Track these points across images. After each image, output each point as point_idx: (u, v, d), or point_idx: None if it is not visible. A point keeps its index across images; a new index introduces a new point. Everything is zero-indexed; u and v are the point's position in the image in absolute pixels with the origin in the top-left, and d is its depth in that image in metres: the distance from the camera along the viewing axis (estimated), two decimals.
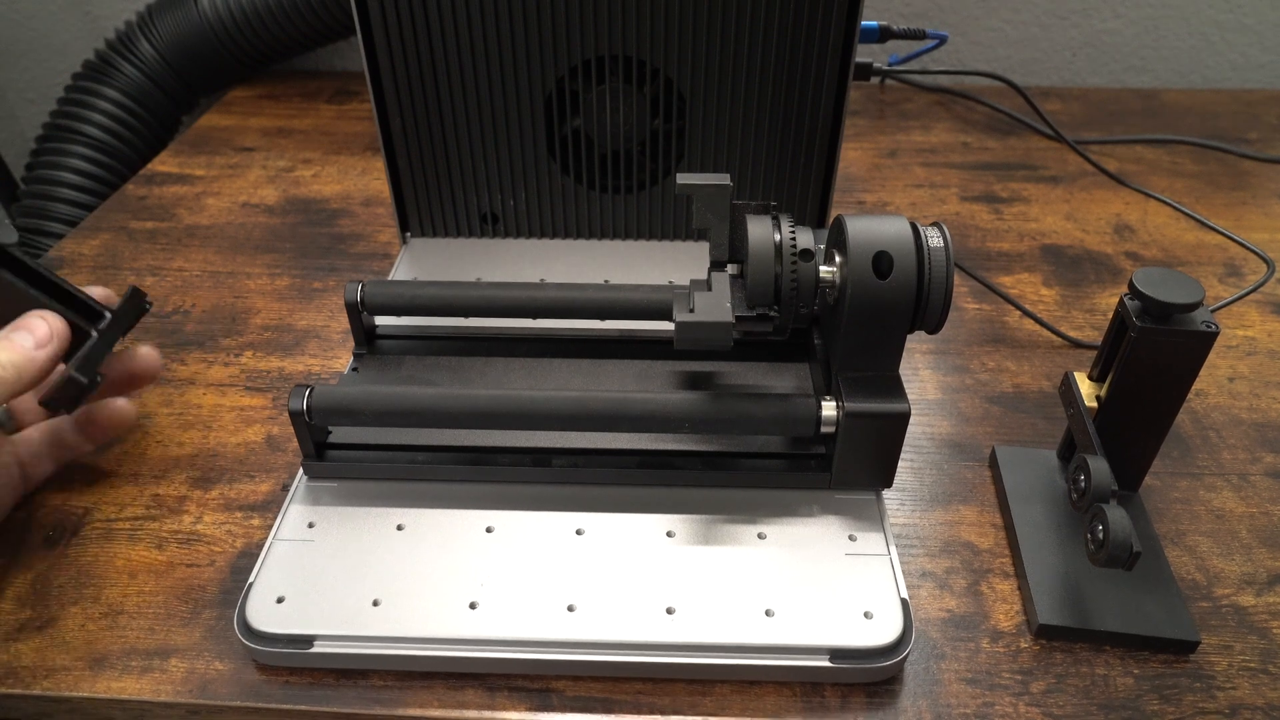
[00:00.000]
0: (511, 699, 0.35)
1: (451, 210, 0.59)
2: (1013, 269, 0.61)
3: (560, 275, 0.56)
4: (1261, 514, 0.43)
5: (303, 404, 0.39)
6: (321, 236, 0.64)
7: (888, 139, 0.79)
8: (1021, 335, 0.55)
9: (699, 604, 0.36)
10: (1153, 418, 0.39)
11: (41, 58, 0.97)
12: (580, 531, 0.39)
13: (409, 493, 0.41)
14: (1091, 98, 0.87)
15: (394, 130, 0.56)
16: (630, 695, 0.35)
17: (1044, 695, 0.35)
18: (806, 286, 0.37)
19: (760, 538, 0.39)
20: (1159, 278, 0.36)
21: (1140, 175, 0.72)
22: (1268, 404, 0.49)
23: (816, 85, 0.53)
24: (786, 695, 0.35)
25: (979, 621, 0.38)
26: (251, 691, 0.35)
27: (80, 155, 0.81)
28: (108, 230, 0.65)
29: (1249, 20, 0.88)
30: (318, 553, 0.38)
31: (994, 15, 0.89)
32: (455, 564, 0.38)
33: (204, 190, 0.70)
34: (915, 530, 0.42)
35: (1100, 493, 0.34)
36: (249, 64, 0.85)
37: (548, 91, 0.54)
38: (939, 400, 0.50)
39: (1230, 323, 0.56)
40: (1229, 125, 0.81)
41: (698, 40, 0.52)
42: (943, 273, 0.36)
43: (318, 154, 0.76)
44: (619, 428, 0.40)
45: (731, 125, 0.55)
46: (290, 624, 0.35)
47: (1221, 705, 0.35)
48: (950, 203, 0.69)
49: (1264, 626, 0.37)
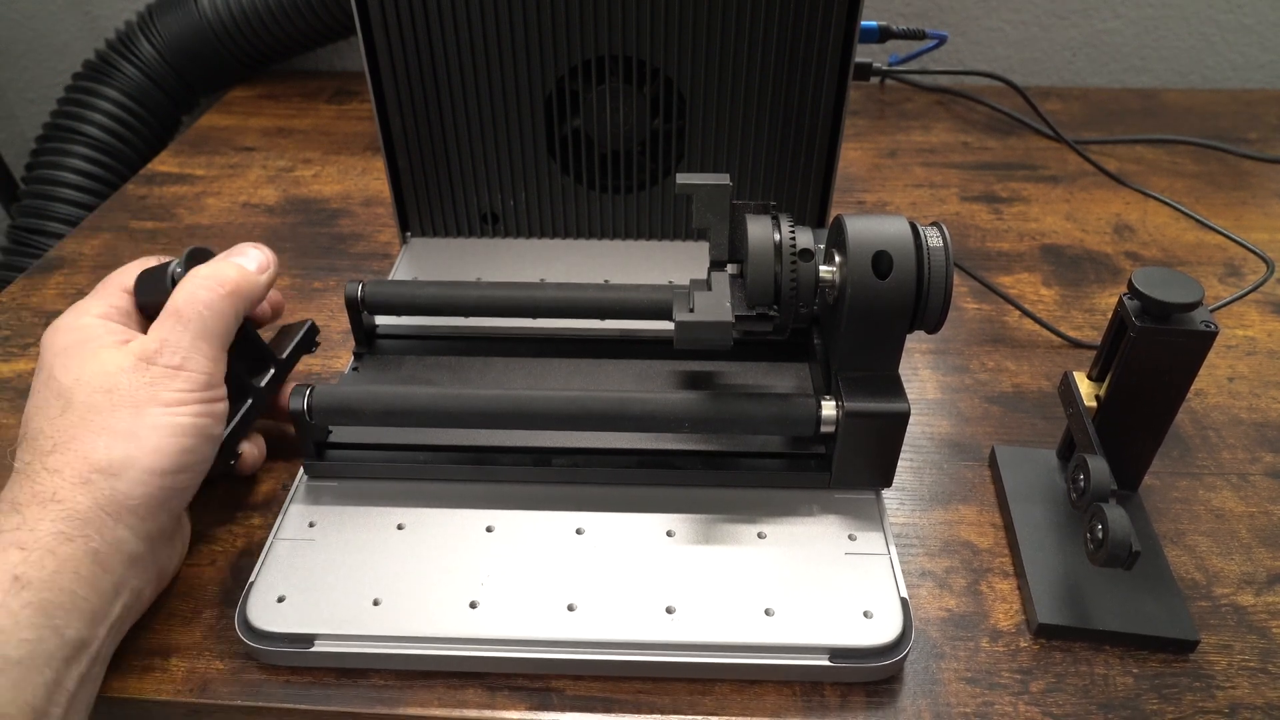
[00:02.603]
0: (511, 698, 0.35)
1: (451, 210, 0.59)
2: (1012, 269, 0.61)
3: (560, 275, 0.56)
4: (1261, 514, 0.43)
5: (303, 404, 0.39)
6: (321, 236, 0.64)
7: (888, 139, 0.79)
8: (1021, 335, 0.55)
9: (699, 603, 0.36)
10: (1152, 417, 0.39)
11: (41, 58, 0.97)
12: (580, 531, 0.39)
13: (409, 492, 0.41)
14: (1091, 98, 0.87)
15: (394, 130, 0.56)
16: (630, 695, 0.35)
17: (1043, 694, 0.35)
18: (806, 286, 0.37)
19: (760, 537, 0.39)
20: (1159, 277, 0.36)
21: (1140, 175, 0.72)
22: (1267, 404, 0.49)
23: (816, 85, 0.53)
24: (786, 695, 0.35)
25: (979, 621, 0.38)
26: (252, 691, 0.35)
27: (80, 155, 0.81)
28: (108, 230, 0.65)
29: (1249, 20, 0.88)
30: (318, 552, 0.38)
31: (994, 15, 0.89)
32: (455, 563, 0.38)
33: (204, 190, 0.70)
34: (915, 530, 0.42)
35: (1100, 492, 0.34)
36: (249, 64, 0.85)
37: (548, 91, 0.55)
38: (939, 400, 0.50)
39: (1230, 323, 0.56)
40: (1229, 125, 0.81)
41: (698, 40, 0.53)
42: (942, 273, 0.36)
43: (318, 154, 0.76)
44: (619, 428, 0.40)
45: (731, 125, 0.55)
46: (291, 623, 0.35)
47: (1221, 705, 0.35)
48: (950, 203, 0.69)
49: (1263, 626, 0.38)
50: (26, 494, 0.32)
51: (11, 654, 0.28)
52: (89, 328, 0.36)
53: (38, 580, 0.30)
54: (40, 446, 0.33)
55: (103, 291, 0.39)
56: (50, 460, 0.32)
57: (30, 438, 0.34)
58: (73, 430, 0.33)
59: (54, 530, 0.31)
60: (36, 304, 0.57)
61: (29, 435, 0.34)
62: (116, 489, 0.32)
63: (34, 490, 0.32)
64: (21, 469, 0.33)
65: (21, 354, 0.53)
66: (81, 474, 0.32)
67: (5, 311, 0.57)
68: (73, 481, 0.32)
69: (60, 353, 0.35)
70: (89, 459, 0.32)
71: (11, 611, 0.29)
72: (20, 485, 0.32)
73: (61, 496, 0.32)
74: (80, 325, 0.36)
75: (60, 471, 0.32)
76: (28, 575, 0.30)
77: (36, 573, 0.30)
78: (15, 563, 0.30)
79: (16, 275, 0.61)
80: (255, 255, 0.40)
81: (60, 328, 0.37)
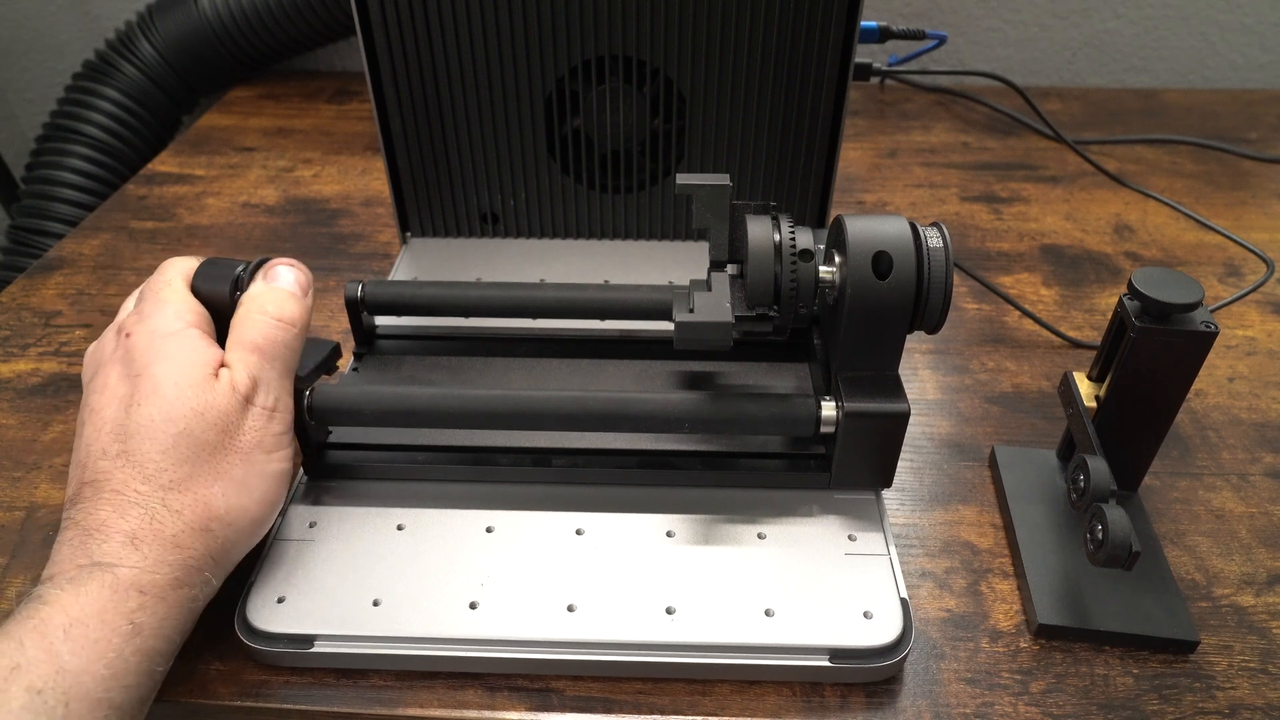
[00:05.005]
0: (511, 699, 0.35)
1: (451, 210, 0.59)
2: (1012, 269, 0.61)
3: (560, 275, 0.56)
4: (1261, 514, 0.43)
5: (303, 404, 0.39)
6: (321, 236, 0.64)
7: (888, 139, 0.79)
8: (1021, 335, 0.55)
9: (699, 604, 0.36)
10: (1152, 418, 0.39)
11: (41, 58, 0.97)
12: (580, 531, 0.39)
13: (409, 493, 0.41)
14: (1091, 98, 0.87)
15: (394, 130, 0.56)
16: (630, 695, 0.35)
17: (1043, 695, 0.35)
18: (806, 286, 0.37)
19: (760, 538, 0.39)
20: (1158, 278, 0.36)
21: (1140, 175, 0.72)
22: (1267, 404, 0.49)
23: (816, 85, 0.53)
24: (786, 695, 0.35)
25: (978, 621, 0.38)
26: (252, 691, 0.35)
27: (80, 155, 0.81)
28: (108, 230, 0.65)
29: (1249, 20, 0.88)
30: (318, 552, 0.38)
31: (994, 15, 0.89)
32: (455, 564, 0.38)
33: (204, 190, 0.70)
34: (915, 530, 0.42)
35: (1099, 493, 0.34)
36: (249, 64, 0.85)
37: (548, 91, 0.54)
38: (939, 400, 0.50)
39: (1230, 323, 0.56)
40: (1229, 125, 0.81)
41: (698, 40, 0.52)
42: (942, 273, 0.36)
43: (318, 154, 0.76)
44: (619, 428, 0.40)
45: (731, 125, 0.55)
46: (291, 623, 0.35)
47: (1221, 705, 0.35)
48: (950, 203, 0.69)
49: (1264, 626, 0.38)
50: (147, 530, 0.31)
51: (117, 699, 0.29)
52: (190, 340, 0.34)
53: (149, 627, 0.30)
54: (156, 479, 0.31)
55: (180, 292, 0.36)
56: (171, 499, 0.31)
57: (140, 460, 0.32)
58: (190, 467, 0.32)
59: (172, 577, 0.31)
60: (36, 304, 0.57)
61: (136, 454, 0.32)
62: (229, 539, 0.33)
63: (155, 529, 0.31)
64: (131, 494, 0.31)
65: (21, 354, 0.53)
66: (202, 521, 0.32)
67: (5, 311, 0.57)
68: (194, 528, 0.31)
69: (164, 360, 0.33)
70: (209, 506, 0.32)
71: (125, 658, 0.29)
72: (135, 516, 0.31)
73: (183, 543, 0.31)
74: (181, 335, 0.34)
75: (182, 514, 0.31)
76: (143, 622, 0.30)
77: (149, 619, 0.30)
78: (134, 609, 0.29)
79: (16, 275, 0.61)
80: (297, 278, 0.37)
81: (157, 332, 0.34)
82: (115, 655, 0.29)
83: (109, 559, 0.30)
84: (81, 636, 0.28)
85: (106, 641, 0.29)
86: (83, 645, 0.28)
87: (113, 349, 0.35)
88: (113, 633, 0.29)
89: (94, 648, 0.28)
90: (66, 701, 0.27)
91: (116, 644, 0.29)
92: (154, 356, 0.33)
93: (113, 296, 0.58)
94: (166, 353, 0.34)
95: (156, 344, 0.34)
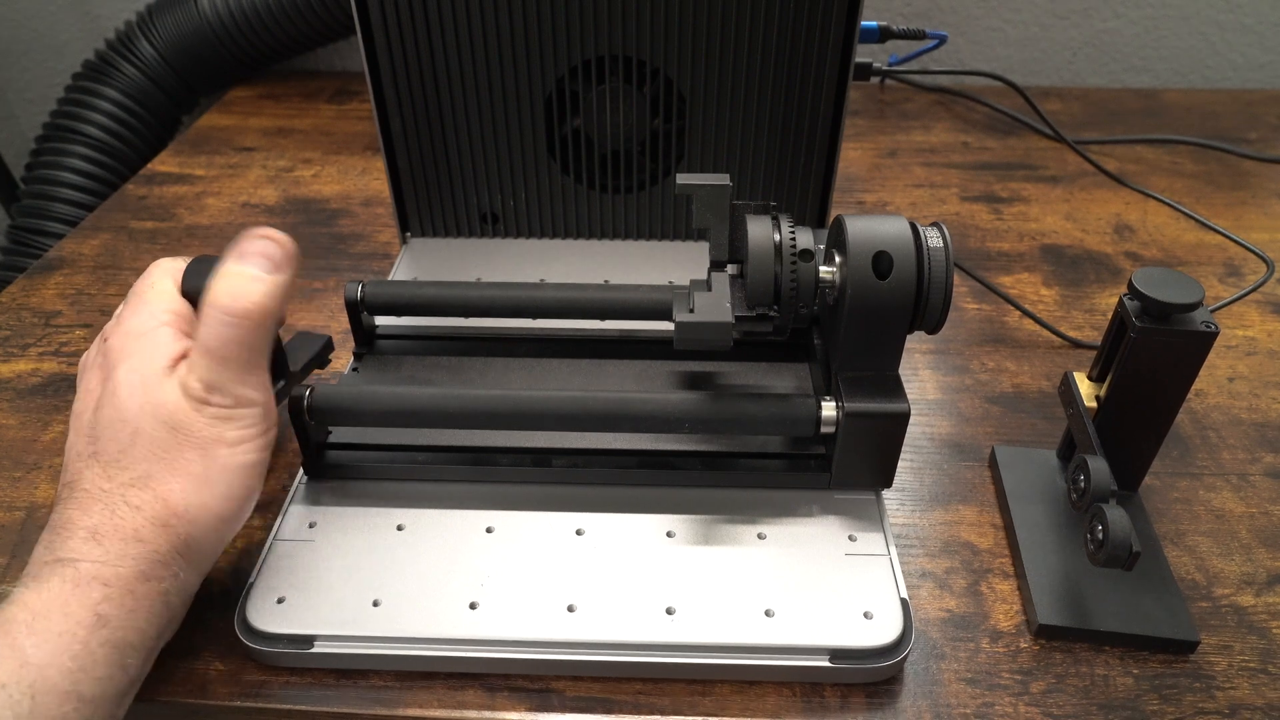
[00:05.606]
0: (511, 699, 0.35)
1: (451, 210, 0.59)
2: (1012, 269, 0.61)
3: (560, 275, 0.56)
4: (1261, 514, 0.43)
5: (303, 404, 0.39)
6: (321, 236, 0.64)
7: (888, 139, 0.79)
8: (1021, 335, 0.55)
9: (699, 604, 0.36)
10: (1152, 418, 0.39)
11: (41, 58, 0.97)
12: (580, 531, 0.39)
13: (409, 493, 0.41)
14: (1091, 98, 0.87)
15: (394, 130, 0.56)
16: (630, 695, 0.35)
17: (1044, 695, 0.35)
18: (806, 286, 0.37)
19: (760, 538, 0.39)
20: (1159, 278, 0.36)
21: (1140, 175, 0.72)
22: (1267, 404, 0.49)
23: (816, 85, 0.53)
24: (786, 695, 0.35)
25: (979, 621, 0.38)
26: (252, 691, 0.35)
27: (80, 155, 0.81)
28: (108, 230, 0.65)
29: (1249, 20, 0.88)
30: (318, 553, 0.38)
31: (994, 15, 0.89)
32: (455, 564, 0.38)
33: (204, 190, 0.70)
34: (915, 530, 0.42)
35: (1100, 493, 0.34)
36: (249, 64, 0.85)
37: (548, 91, 0.54)
38: (939, 400, 0.50)
39: (1230, 323, 0.56)
40: (1229, 125, 0.81)
41: (698, 40, 0.52)
42: (942, 273, 0.36)
43: (318, 154, 0.76)
44: (619, 428, 0.40)
45: (731, 125, 0.55)
46: (290, 624, 0.35)
47: (1221, 705, 0.35)
48: (950, 203, 0.69)
49: (1264, 626, 0.38)
50: (108, 525, 0.31)
51: (86, 692, 0.29)
52: (156, 339, 0.34)
53: (116, 619, 0.30)
54: (118, 476, 0.32)
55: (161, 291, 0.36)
56: (131, 495, 0.32)
57: (105, 459, 0.32)
58: (147, 465, 0.32)
59: (136, 570, 0.31)
60: (36, 304, 0.57)
61: (102, 454, 0.32)
62: (193, 535, 0.32)
63: (115, 523, 0.31)
64: (96, 491, 0.32)
65: (21, 354, 0.53)
66: (162, 516, 0.32)
67: (5, 311, 0.57)
68: (154, 523, 0.31)
69: (127, 359, 0.34)
70: (168, 502, 0.32)
71: (91, 650, 0.29)
72: (97, 512, 0.31)
73: (145, 537, 0.31)
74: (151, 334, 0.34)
75: (142, 510, 0.31)
76: (108, 614, 0.30)
77: (116, 611, 0.30)
78: (98, 600, 0.29)
79: (16, 275, 0.61)
80: (268, 251, 0.35)
81: (130, 333, 0.35)
82: (81, 647, 0.29)
83: (71, 554, 0.30)
84: (45, 630, 0.28)
85: (71, 634, 0.29)
86: (46, 638, 0.28)
87: (95, 353, 0.36)
88: (77, 625, 0.29)
89: (58, 640, 0.28)
90: (32, 695, 0.27)
91: (82, 636, 0.29)
92: (121, 357, 0.34)
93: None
94: (131, 352, 0.34)
95: (128, 344, 0.34)
